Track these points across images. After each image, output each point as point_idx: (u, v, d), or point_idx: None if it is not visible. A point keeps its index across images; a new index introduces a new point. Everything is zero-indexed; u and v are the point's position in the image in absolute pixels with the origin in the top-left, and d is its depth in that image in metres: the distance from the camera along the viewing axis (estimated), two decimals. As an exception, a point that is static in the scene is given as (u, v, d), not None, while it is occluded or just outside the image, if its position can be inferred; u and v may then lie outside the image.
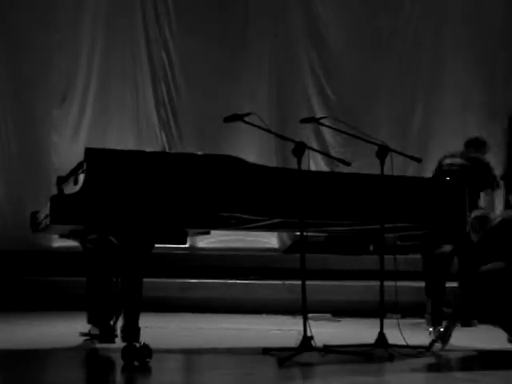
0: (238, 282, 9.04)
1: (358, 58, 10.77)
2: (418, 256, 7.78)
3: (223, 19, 10.80)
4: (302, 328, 5.56)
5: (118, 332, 5.45)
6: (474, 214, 6.52)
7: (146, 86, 10.72)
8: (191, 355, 6.17)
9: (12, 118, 10.46)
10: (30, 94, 10.47)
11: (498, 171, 8.79)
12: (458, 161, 7.94)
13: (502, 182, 8.70)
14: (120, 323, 5.43)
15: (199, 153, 5.75)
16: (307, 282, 5.71)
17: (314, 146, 10.01)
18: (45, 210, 5.51)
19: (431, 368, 5.51)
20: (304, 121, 6.33)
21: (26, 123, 10.49)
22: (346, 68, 10.78)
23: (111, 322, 5.84)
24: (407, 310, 8.14)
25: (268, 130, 6.05)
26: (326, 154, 9.52)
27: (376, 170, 6.07)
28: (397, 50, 10.83)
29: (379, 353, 5.79)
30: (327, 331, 7.08)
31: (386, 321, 6.02)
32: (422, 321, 7.73)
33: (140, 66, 10.75)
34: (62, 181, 6.08)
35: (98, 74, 10.66)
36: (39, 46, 10.49)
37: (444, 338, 5.98)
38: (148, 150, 6.26)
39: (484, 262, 5.88)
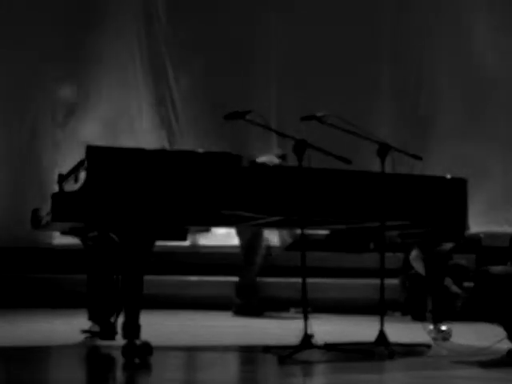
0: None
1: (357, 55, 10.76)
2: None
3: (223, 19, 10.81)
4: (302, 326, 5.57)
5: (119, 329, 5.45)
6: None
7: (146, 84, 10.72)
8: (192, 353, 6.17)
9: (13, 116, 10.46)
10: (32, 92, 10.47)
11: None
12: None
13: None
14: (121, 320, 5.43)
15: (200, 150, 5.76)
16: (308, 280, 5.71)
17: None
18: (46, 208, 5.51)
19: (431, 366, 5.51)
20: (304, 118, 6.31)
21: (27, 122, 10.49)
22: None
23: (112, 319, 5.85)
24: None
25: (268, 128, 6.05)
26: (326, 152, 9.47)
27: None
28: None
29: (380, 351, 5.79)
30: (327, 329, 7.08)
31: (386, 318, 6.04)
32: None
33: (140, 65, 10.74)
34: (63, 178, 6.08)
35: (98, 73, 10.67)
36: (40, 45, 10.50)
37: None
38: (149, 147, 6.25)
39: None
